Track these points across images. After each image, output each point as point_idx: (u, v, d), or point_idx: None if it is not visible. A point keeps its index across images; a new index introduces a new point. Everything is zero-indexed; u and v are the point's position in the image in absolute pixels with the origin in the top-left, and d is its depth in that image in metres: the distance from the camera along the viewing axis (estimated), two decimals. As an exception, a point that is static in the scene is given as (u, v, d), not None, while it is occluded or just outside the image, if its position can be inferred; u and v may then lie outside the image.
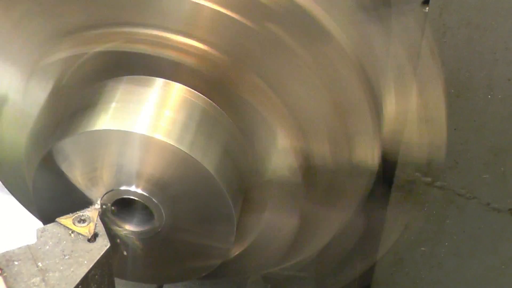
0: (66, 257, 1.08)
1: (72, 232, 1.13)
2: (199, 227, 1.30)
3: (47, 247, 1.10)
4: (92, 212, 1.17)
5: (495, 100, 1.32)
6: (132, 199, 1.24)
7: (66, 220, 1.15)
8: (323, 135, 1.31)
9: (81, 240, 1.11)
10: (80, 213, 1.16)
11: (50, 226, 1.13)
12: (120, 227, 1.28)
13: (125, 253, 1.30)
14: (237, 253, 1.47)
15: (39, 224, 1.38)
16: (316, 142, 1.32)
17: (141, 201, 1.23)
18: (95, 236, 1.12)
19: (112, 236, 1.23)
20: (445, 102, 1.35)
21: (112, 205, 1.24)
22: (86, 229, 1.13)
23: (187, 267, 1.40)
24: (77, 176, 1.24)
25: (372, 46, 1.33)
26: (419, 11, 1.29)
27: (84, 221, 1.15)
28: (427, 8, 1.28)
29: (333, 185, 1.39)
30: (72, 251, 1.09)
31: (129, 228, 1.29)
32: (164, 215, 1.24)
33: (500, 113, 1.34)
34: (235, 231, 1.29)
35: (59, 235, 1.12)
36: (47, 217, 1.34)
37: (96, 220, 1.15)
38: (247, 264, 1.55)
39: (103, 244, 1.11)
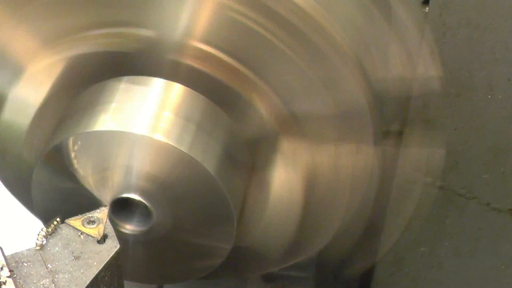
0: (76, 259, 1.08)
1: (81, 234, 1.12)
2: (199, 227, 1.30)
3: (57, 248, 1.09)
4: (101, 214, 1.16)
5: (495, 100, 1.32)
6: (132, 199, 1.24)
7: (75, 221, 1.14)
8: (324, 139, 1.31)
9: (90, 241, 1.11)
10: (89, 214, 1.16)
11: (59, 227, 1.13)
12: (119, 226, 1.28)
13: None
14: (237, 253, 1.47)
15: (39, 224, 1.38)
16: (317, 145, 1.32)
17: (142, 201, 1.23)
18: (104, 238, 1.12)
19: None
20: (445, 102, 1.35)
21: (111, 204, 1.24)
22: (95, 231, 1.13)
23: (187, 267, 1.40)
24: (76, 176, 1.24)
25: (373, 46, 1.33)
26: (419, 11, 1.29)
27: (93, 222, 1.14)
28: (427, 8, 1.28)
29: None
30: (81, 253, 1.09)
31: (128, 227, 1.29)
32: (155, 216, 1.24)
33: (500, 113, 1.34)
34: (235, 231, 1.29)
35: (68, 236, 1.12)
36: (47, 217, 1.34)
37: (105, 222, 1.15)
38: (247, 264, 1.55)
39: (112, 246, 1.11)
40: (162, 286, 1.83)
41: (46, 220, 1.34)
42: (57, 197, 1.30)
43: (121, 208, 1.26)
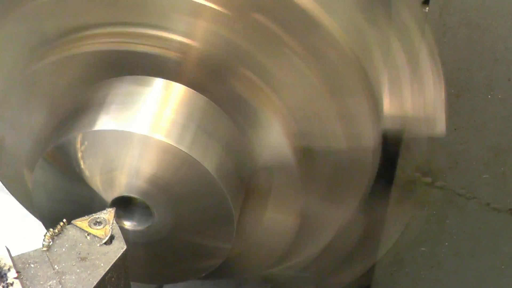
0: (82, 260, 1.08)
1: (88, 235, 1.12)
2: (199, 227, 1.30)
3: (63, 249, 1.09)
4: (107, 215, 1.16)
5: (495, 100, 1.33)
6: (133, 198, 1.24)
7: (82, 222, 1.14)
8: (322, 132, 1.31)
9: (97, 242, 1.11)
10: (95, 215, 1.16)
11: (66, 228, 1.13)
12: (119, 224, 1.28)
13: None
14: (237, 253, 1.47)
15: (39, 224, 1.38)
16: (314, 139, 1.32)
17: (142, 200, 1.24)
18: (111, 239, 1.12)
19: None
20: (445, 101, 1.35)
21: (112, 203, 1.25)
22: (102, 232, 1.13)
23: (187, 267, 1.40)
24: (76, 176, 1.24)
25: (371, 44, 1.34)
26: (419, 11, 1.29)
27: (100, 223, 1.14)
28: (427, 8, 1.28)
29: (334, 179, 1.40)
30: (88, 254, 1.09)
31: (128, 225, 1.29)
32: (155, 215, 1.24)
33: (500, 113, 1.34)
34: (235, 231, 1.29)
35: (75, 237, 1.12)
36: (47, 217, 1.34)
37: (112, 223, 1.15)
38: (247, 264, 1.55)
39: (119, 247, 1.11)
40: (162, 286, 1.83)
41: (45, 220, 1.34)
42: (57, 196, 1.30)
43: (121, 207, 1.27)
